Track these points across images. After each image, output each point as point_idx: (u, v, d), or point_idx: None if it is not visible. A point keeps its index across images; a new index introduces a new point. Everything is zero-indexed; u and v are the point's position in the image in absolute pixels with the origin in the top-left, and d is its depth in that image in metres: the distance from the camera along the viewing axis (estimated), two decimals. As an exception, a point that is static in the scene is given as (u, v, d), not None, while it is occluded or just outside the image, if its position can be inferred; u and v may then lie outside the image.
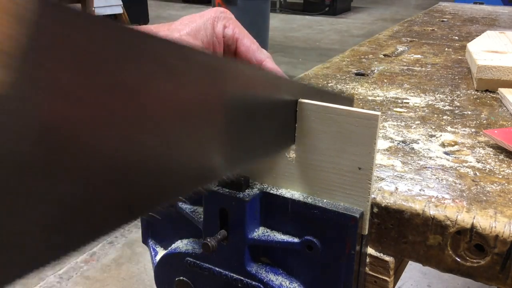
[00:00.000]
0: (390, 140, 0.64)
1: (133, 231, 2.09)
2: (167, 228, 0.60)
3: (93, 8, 4.96)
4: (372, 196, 0.50)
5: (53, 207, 0.24)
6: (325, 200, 0.48)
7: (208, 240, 0.49)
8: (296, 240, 0.49)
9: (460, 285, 1.79)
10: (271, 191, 0.50)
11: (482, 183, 0.53)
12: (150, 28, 0.49)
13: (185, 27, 0.49)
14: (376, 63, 1.05)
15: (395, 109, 0.77)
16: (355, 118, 0.45)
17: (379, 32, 1.40)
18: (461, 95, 0.84)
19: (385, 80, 0.92)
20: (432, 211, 0.47)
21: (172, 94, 0.30)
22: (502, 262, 0.45)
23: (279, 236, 0.50)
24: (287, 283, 0.51)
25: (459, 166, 0.57)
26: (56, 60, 0.22)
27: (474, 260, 0.47)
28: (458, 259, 0.47)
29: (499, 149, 0.61)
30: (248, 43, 0.52)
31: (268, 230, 0.51)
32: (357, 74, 0.97)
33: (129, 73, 0.26)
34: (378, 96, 0.83)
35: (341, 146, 0.46)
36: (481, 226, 0.45)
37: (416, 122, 0.71)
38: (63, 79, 0.22)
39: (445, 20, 1.59)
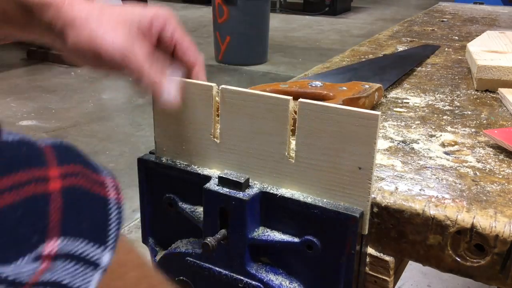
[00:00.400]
0: (390, 140, 0.64)
1: (133, 231, 2.09)
2: (167, 228, 0.60)
3: (93, 8, 4.96)
4: (372, 196, 0.50)
5: None
6: (325, 200, 0.48)
7: (208, 239, 0.49)
8: (296, 239, 0.49)
9: (460, 285, 1.78)
10: (271, 191, 0.50)
11: (482, 183, 0.53)
12: None
13: (121, 8, 0.50)
14: (376, 63, 1.05)
15: (395, 109, 0.77)
16: (355, 118, 0.45)
17: (379, 32, 1.40)
18: (461, 95, 0.84)
19: (385, 80, 0.92)
20: (432, 211, 0.47)
21: None
22: (502, 262, 0.45)
23: (279, 236, 0.50)
24: (287, 282, 0.51)
25: (459, 166, 0.57)
26: None
27: (474, 260, 0.47)
28: (458, 259, 0.47)
29: (499, 149, 0.61)
30: (185, 46, 0.52)
31: (268, 229, 0.51)
32: (357, 74, 0.96)
33: None
34: (378, 96, 0.83)
35: (341, 146, 0.46)
36: (481, 226, 0.45)
37: (416, 122, 0.71)
38: None
39: (445, 20, 1.59)
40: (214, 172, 0.54)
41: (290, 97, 0.47)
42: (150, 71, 0.48)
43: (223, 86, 0.51)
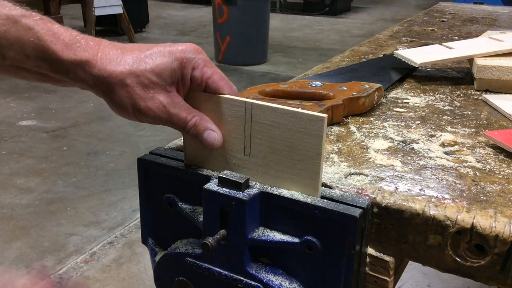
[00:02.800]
0: (390, 140, 0.64)
1: (133, 231, 2.08)
2: (167, 228, 0.60)
3: (93, 8, 4.96)
4: (372, 196, 0.50)
5: None
6: (325, 200, 0.48)
7: (208, 240, 0.48)
8: (296, 240, 0.49)
9: (460, 285, 1.78)
10: (271, 191, 0.50)
11: (482, 183, 0.52)
12: (119, 46, 0.51)
13: (152, 62, 0.50)
14: (376, 63, 1.05)
15: (395, 109, 0.77)
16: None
17: (379, 32, 1.40)
18: (461, 95, 0.84)
19: (385, 80, 0.92)
20: (432, 211, 0.47)
21: None
22: (502, 262, 0.45)
23: (279, 236, 0.50)
24: (287, 283, 0.50)
25: (459, 166, 0.57)
26: None
27: (474, 260, 0.46)
28: (458, 259, 0.47)
29: (499, 149, 0.61)
30: (217, 78, 0.53)
31: (268, 230, 0.51)
32: (357, 74, 0.96)
33: None
34: (378, 96, 0.83)
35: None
36: (481, 226, 0.45)
37: (416, 122, 0.71)
38: None
39: (445, 20, 1.59)
40: (214, 172, 0.54)
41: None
42: (192, 121, 0.52)
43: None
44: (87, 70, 0.49)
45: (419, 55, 0.94)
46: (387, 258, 0.50)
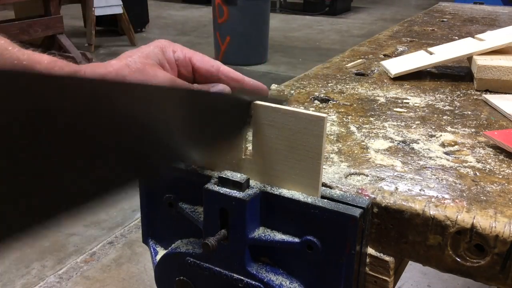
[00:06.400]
0: (390, 140, 0.64)
1: (133, 231, 2.09)
2: (168, 228, 0.60)
3: (93, 8, 4.96)
4: (372, 196, 0.50)
5: None
6: (325, 200, 0.48)
7: (208, 240, 0.49)
8: (296, 240, 0.49)
9: (460, 285, 1.79)
10: (271, 191, 0.50)
11: (482, 183, 0.53)
12: (99, 65, 0.51)
13: (136, 53, 0.51)
14: (376, 63, 1.05)
15: (395, 109, 0.77)
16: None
17: (379, 32, 1.40)
18: (461, 95, 0.84)
19: (385, 80, 0.92)
20: (432, 211, 0.47)
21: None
22: (502, 262, 0.45)
23: (279, 236, 0.50)
24: (287, 283, 0.51)
25: (459, 166, 0.57)
26: None
27: (474, 260, 0.47)
28: (458, 259, 0.47)
29: (499, 149, 0.61)
30: (200, 56, 0.54)
31: (268, 230, 0.51)
32: (357, 74, 0.97)
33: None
34: (378, 96, 0.83)
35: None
36: (481, 226, 0.45)
37: (416, 122, 0.71)
38: None
39: (445, 20, 1.59)
40: (214, 172, 0.54)
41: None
42: (195, 85, 0.53)
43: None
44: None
45: (397, 66, 0.96)
46: (387, 258, 0.51)
